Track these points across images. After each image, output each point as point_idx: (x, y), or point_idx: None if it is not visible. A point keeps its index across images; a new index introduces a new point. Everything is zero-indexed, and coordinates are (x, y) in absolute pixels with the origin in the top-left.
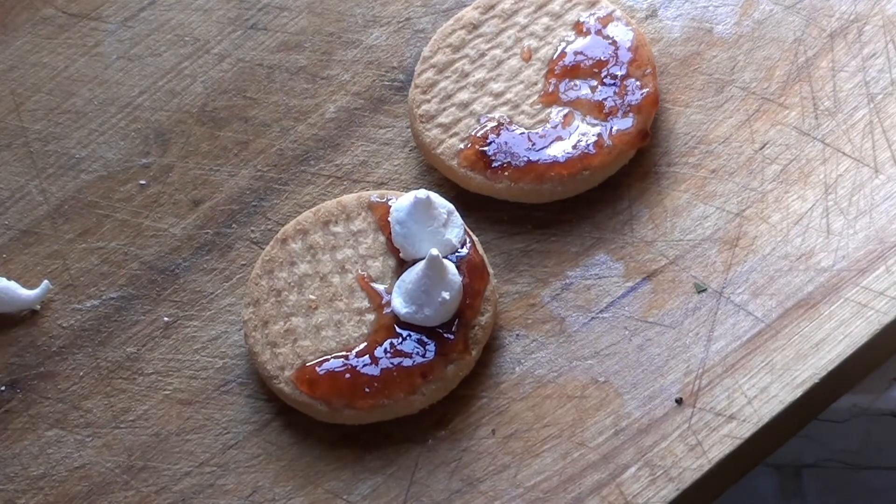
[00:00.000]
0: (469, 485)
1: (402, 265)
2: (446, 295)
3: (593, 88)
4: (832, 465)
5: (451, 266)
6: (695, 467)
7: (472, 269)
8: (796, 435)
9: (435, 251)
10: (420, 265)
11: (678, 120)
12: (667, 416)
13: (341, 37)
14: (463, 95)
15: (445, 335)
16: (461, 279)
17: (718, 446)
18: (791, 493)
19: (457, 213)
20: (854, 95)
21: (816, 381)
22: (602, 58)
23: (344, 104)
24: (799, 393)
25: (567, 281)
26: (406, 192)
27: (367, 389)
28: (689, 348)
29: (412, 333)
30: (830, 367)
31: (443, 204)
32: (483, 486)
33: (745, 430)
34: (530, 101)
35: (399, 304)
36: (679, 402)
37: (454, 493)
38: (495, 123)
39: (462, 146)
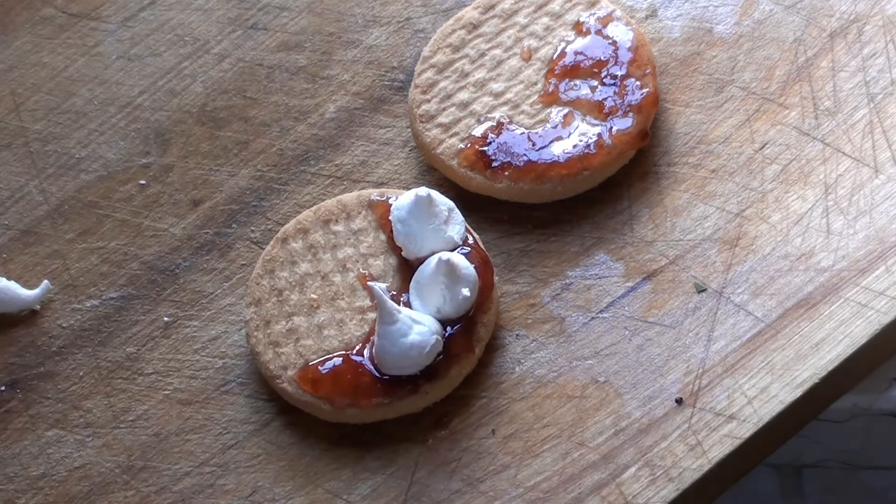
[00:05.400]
0: (469, 485)
1: (404, 263)
2: (467, 292)
3: (593, 88)
4: (832, 465)
5: (462, 260)
6: (695, 467)
7: (481, 262)
8: (796, 435)
9: (445, 255)
10: (431, 267)
11: (678, 120)
12: (667, 416)
13: (341, 37)
14: (463, 95)
15: (449, 333)
16: (475, 270)
17: (718, 446)
18: (791, 493)
19: (457, 210)
20: (854, 95)
21: (816, 381)
22: (602, 58)
23: (344, 104)
24: (799, 393)
25: (567, 281)
26: (406, 191)
27: (370, 388)
28: (689, 348)
29: None
30: (830, 367)
31: (443, 201)
32: (483, 486)
33: (745, 430)
34: (530, 101)
35: (419, 307)
36: (679, 402)
37: (454, 493)
38: (495, 123)
39: (462, 146)
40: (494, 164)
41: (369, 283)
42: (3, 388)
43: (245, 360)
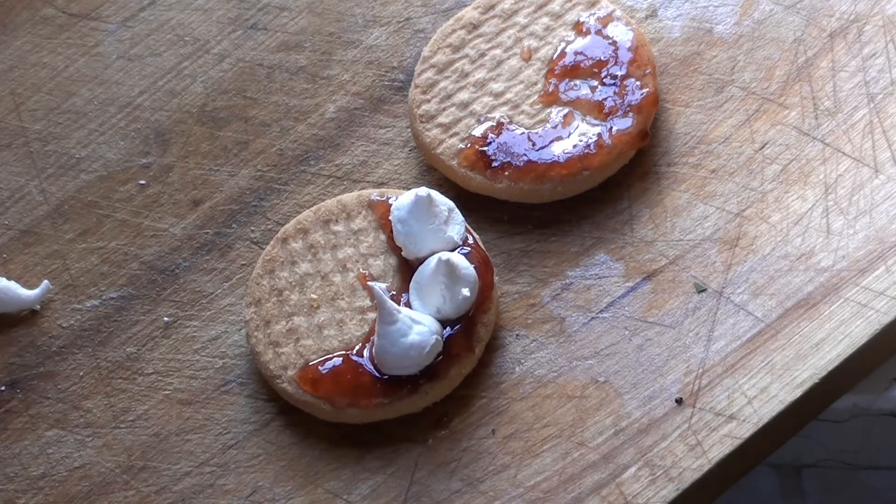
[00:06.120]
0: (469, 485)
1: (404, 263)
2: (466, 292)
3: (593, 88)
4: (832, 465)
5: (462, 260)
6: (695, 467)
7: (481, 263)
8: (796, 435)
9: (445, 255)
10: (431, 267)
11: (678, 120)
12: (667, 416)
13: (341, 37)
14: (463, 95)
15: (449, 333)
16: (475, 270)
17: (718, 446)
18: (791, 493)
19: (457, 210)
20: (854, 95)
21: (816, 381)
22: (602, 58)
23: (344, 104)
24: (799, 393)
25: (567, 281)
26: (406, 191)
27: (370, 388)
28: (689, 348)
29: None
30: (830, 367)
31: (443, 201)
32: (483, 486)
33: (745, 430)
34: (530, 101)
35: (419, 307)
36: (679, 402)
37: (454, 493)
38: (495, 123)
39: (462, 146)
40: (494, 164)
41: (369, 283)
42: (3, 388)
43: (245, 360)
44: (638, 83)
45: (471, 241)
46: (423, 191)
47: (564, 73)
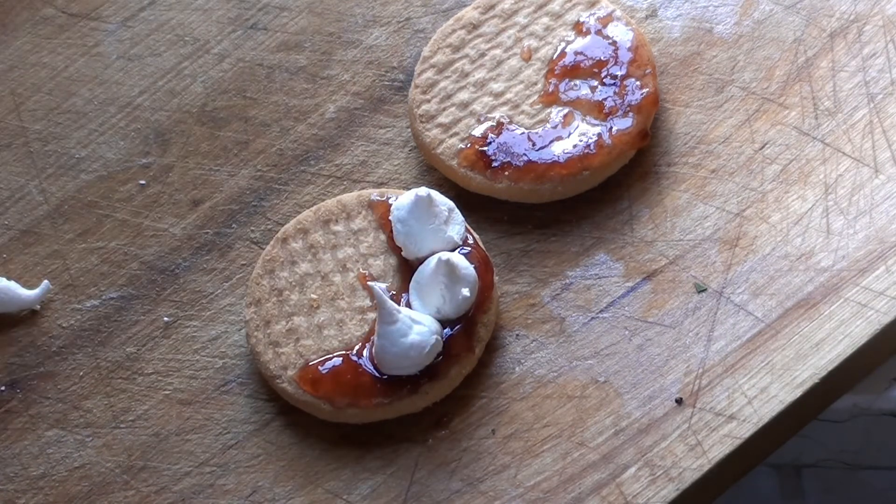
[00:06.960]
0: (469, 485)
1: (404, 263)
2: (466, 292)
3: (593, 88)
4: (832, 465)
5: (462, 260)
6: (695, 467)
7: (481, 262)
8: (796, 435)
9: (445, 255)
10: (431, 267)
11: (678, 120)
12: (667, 416)
13: (341, 37)
14: (463, 95)
15: (449, 333)
16: (475, 270)
17: (718, 446)
18: (791, 493)
19: (457, 210)
20: (854, 95)
21: (816, 381)
22: (602, 58)
23: (344, 104)
24: (799, 393)
25: (567, 281)
26: (406, 190)
27: (370, 388)
28: (689, 348)
29: None
30: (830, 367)
31: (443, 201)
32: (483, 486)
33: (745, 430)
34: (530, 101)
35: (419, 308)
36: (679, 402)
37: (454, 493)
38: (495, 123)
39: (462, 146)
40: (494, 164)
41: (369, 283)
42: (3, 388)
43: (245, 360)
44: (638, 83)
45: (471, 241)
46: (423, 191)
47: (564, 73)
